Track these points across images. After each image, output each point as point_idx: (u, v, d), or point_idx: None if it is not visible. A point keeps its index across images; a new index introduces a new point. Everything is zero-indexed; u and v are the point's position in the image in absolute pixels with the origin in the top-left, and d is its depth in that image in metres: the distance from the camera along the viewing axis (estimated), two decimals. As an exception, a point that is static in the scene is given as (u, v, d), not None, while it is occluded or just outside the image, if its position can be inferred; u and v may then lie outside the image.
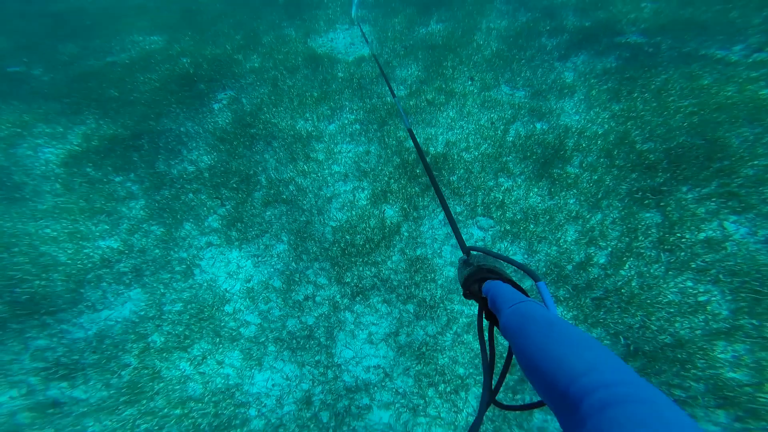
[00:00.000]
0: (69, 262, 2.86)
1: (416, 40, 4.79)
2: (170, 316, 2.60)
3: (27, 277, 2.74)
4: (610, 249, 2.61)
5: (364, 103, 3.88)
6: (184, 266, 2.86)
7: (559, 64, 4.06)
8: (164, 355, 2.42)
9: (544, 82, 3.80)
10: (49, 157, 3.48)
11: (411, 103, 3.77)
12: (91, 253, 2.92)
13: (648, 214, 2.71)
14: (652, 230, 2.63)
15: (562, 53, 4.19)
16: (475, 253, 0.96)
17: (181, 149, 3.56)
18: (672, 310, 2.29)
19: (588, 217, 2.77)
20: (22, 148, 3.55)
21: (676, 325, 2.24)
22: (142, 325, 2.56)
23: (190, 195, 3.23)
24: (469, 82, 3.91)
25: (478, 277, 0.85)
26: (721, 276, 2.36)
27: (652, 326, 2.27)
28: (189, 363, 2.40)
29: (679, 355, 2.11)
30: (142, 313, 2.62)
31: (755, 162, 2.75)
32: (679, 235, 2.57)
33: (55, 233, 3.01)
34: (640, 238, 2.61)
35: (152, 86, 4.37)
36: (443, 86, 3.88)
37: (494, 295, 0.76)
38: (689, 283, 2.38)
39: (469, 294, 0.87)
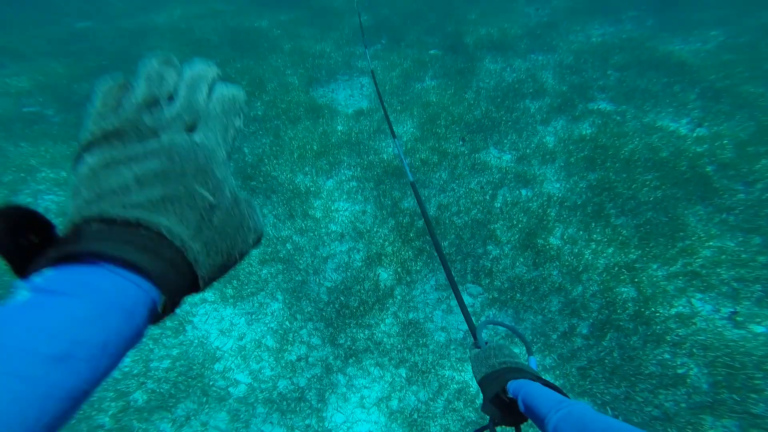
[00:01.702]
0: None
1: (412, 95, 5.12)
2: (157, 373, 2.64)
3: None
4: (591, 320, 2.80)
5: (361, 159, 4.11)
6: (176, 322, 2.93)
7: (542, 127, 4.40)
8: (144, 415, 2.44)
9: (529, 146, 4.10)
10: (48, 205, 3.57)
11: (407, 161, 4.02)
12: None
13: (624, 289, 2.92)
14: (629, 304, 2.84)
15: (544, 117, 4.53)
16: (488, 343, 0.90)
17: (184, 201, 3.70)
18: (654, 382, 2.46)
19: (570, 289, 2.98)
20: (23, 194, 3.64)
21: (660, 397, 2.41)
22: (124, 383, 2.58)
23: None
24: (461, 143, 4.18)
25: (504, 378, 0.77)
26: (694, 350, 2.57)
27: (637, 398, 2.42)
28: (171, 424, 2.43)
29: (669, 430, 2.26)
30: (126, 369, 2.65)
31: (710, 243, 3.02)
32: (653, 309, 2.78)
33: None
34: (618, 311, 2.81)
35: (158, 132, 4.54)
36: (436, 146, 4.15)
37: (532, 399, 0.69)
38: (667, 356, 2.57)
39: (494, 398, 0.77)
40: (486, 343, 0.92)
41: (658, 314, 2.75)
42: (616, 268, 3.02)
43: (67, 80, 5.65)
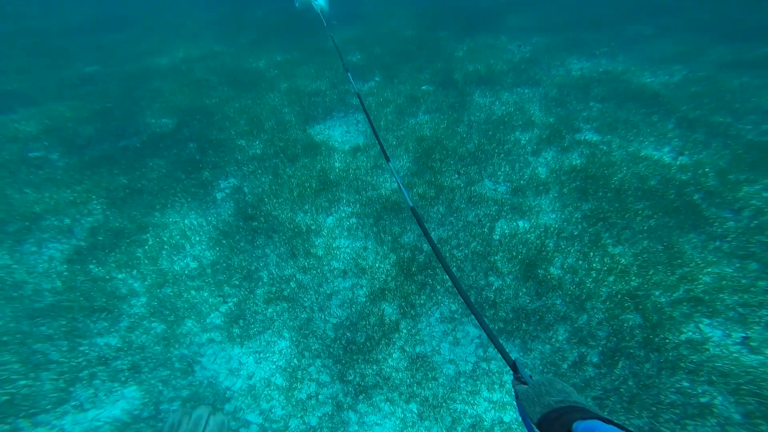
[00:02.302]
0: (62, 359, 2.84)
1: (407, 130, 5.32)
2: (167, 416, 2.56)
3: (12, 377, 2.70)
4: (600, 348, 2.80)
5: (359, 195, 4.20)
6: (184, 363, 2.88)
7: (533, 158, 4.57)
8: (155, 467, 2.35)
9: (522, 178, 4.24)
10: (53, 254, 3.56)
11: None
12: (87, 351, 2.92)
13: (630, 316, 2.95)
14: (636, 331, 2.86)
15: (534, 148, 4.73)
16: (536, 378, 0.83)
17: (185, 244, 3.72)
18: (677, 411, 2.42)
19: (575, 317, 3.00)
20: (28, 243, 3.63)
21: (689, 428, 2.35)
22: (134, 426, 2.51)
23: (193, 293, 3.32)
24: (456, 176, 4.32)
25: (567, 419, 0.71)
26: (713, 377, 2.55)
27: (663, 429, 2.37)
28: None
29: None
30: (136, 412, 2.59)
31: (709, 269, 3.10)
32: (662, 335, 2.80)
33: (50, 331, 3.02)
34: (626, 338, 2.82)
35: (160, 173, 4.63)
36: (432, 180, 4.27)
37: None
38: (686, 383, 2.55)
39: None
40: (530, 376, 0.85)
41: (667, 340, 2.77)
42: (619, 296, 3.06)
43: (72, 123, 5.79)
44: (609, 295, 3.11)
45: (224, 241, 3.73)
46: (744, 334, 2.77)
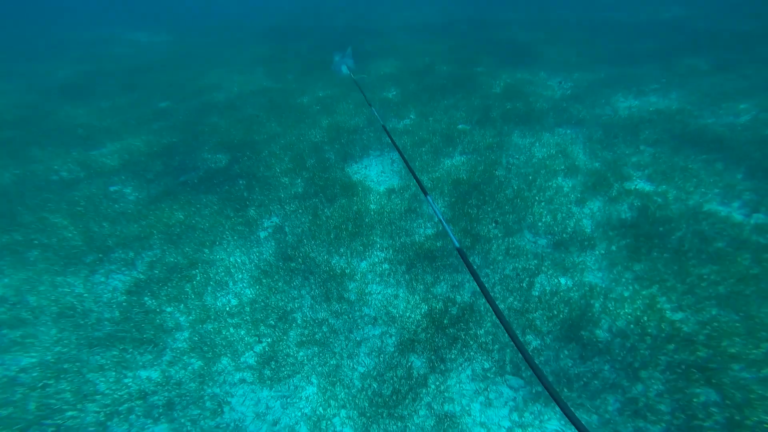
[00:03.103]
0: (107, 391, 3.06)
1: (442, 171, 5.35)
2: None
3: (64, 407, 2.94)
4: (664, 425, 2.50)
5: (393, 240, 4.24)
6: (215, 403, 2.98)
7: (577, 209, 4.35)
8: None
9: (565, 230, 4.04)
10: (117, 285, 3.96)
11: (438, 244, 4.09)
12: (130, 383, 3.13)
13: (699, 390, 2.62)
14: (713, 409, 2.52)
15: (578, 197, 4.51)
16: None
17: (228, 281, 3.95)
18: None
19: (628, 386, 2.72)
20: (98, 274, 4.08)
21: None
22: None
23: (231, 330, 3.49)
24: (493, 225, 4.22)
25: None
26: None
27: None
28: None
29: None
30: None
31: None
32: (753, 418, 2.43)
33: (103, 361, 3.28)
34: (699, 416, 2.49)
35: (212, 209, 5.03)
36: (468, 228, 4.21)
37: None
38: None
39: None
40: None
41: (765, 424, 2.39)
42: (683, 366, 2.73)
43: (145, 158, 6.55)
44: (669, 364, 2.79)
45: (264, 280, 3.91)
46: None
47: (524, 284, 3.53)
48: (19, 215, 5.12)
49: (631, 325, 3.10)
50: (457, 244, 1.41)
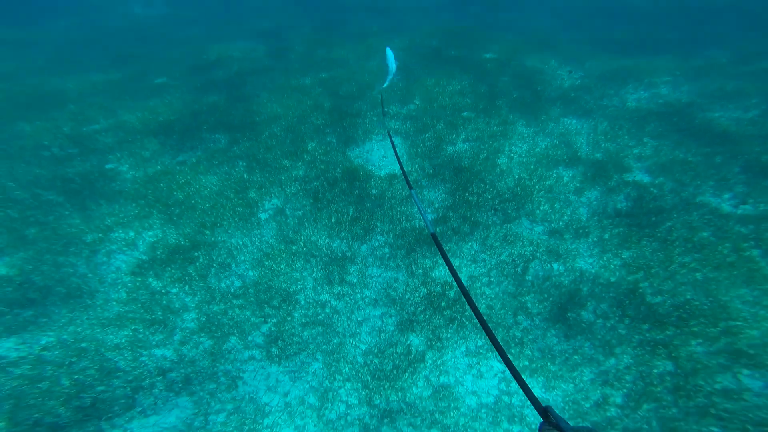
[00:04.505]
0: (128, 368, 3.21)
1: (444, 159, 5.38)
2: (215, 427, 2.85)
3: (93, 382, 3.10)
4: (625, 390, 2.80)
5: (393, 225, 4.32)
6: (229, 378, 3.17)
7: (575, 198, 4.45)
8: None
9: (561, 219, 4.15)
10: (120, 265, 4.02)
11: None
12: (147, 361, 3.28)
13: (660, 363, 2.91)
14: (667, 378, 2.80)
15: (578, 186, 4.60)
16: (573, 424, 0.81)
17: (231, 263, 4.04)
18: None
19: (602, 360, 2.99)
20: (100, 254, 4.13)
21: None
22: None
23: (237, 311, 3.61)
24: (492, 212, 4.31)
25: None
26: (749, 426, 2.47)
27: None
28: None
29: None
30: (189, 421, 2.88)
31: (758, 324, 2.93)
32: (694, 383, 2.74)
33: (118, 340, 3.41)
34: (654, 383, 2.79)
35: (212, 191, 5.05)
36: (468, 215, 4.30)
37: None
38: (715, 429, 2.50)
39: None
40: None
41: (700, 389, 2.69)
42: (653, 344, 2.99)
43: (140, 135, 6.41)
44: (641, 342, 3.05)
45: (266, 263, 4.01)
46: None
47: (519, 269, 3.68)
48: (11, 190, 5.07)
49: (614, 308, 3.29)
50: (432, 230, 1.53)
